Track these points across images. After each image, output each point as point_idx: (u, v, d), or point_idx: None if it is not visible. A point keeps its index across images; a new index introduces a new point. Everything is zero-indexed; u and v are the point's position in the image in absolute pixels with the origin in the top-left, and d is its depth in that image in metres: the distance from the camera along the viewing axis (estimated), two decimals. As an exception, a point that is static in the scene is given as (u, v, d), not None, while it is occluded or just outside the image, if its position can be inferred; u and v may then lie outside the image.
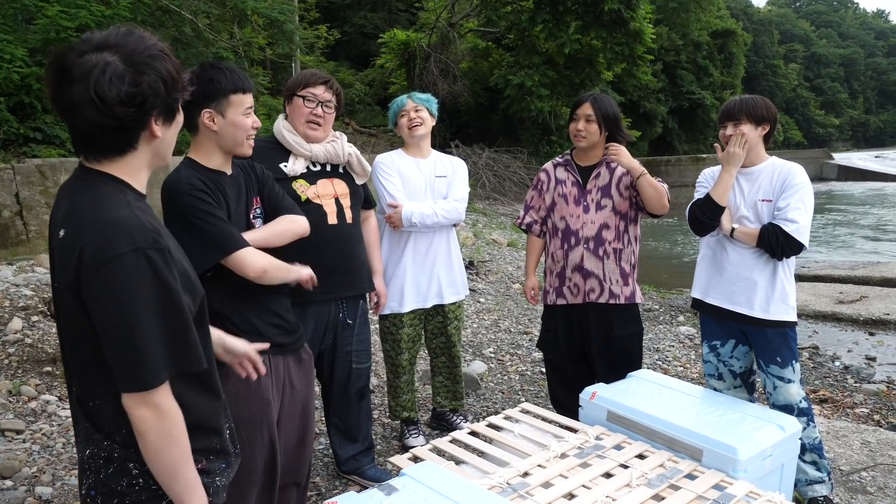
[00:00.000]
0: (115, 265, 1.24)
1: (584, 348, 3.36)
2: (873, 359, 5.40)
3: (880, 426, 3.99)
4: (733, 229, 2.84)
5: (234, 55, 11.47)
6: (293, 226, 2.26)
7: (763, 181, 2.86)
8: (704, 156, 29.64)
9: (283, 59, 16.50)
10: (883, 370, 5.13)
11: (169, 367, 1.30)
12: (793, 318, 2.86)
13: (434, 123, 3.41)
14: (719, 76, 34.20)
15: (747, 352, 3.00)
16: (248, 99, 2.12)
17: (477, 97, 19.63)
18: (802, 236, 2.72)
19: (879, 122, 77.04)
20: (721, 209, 2.86)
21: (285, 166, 2.69)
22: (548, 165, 3.46)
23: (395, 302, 3.32)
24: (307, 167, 2.76)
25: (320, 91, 2.70)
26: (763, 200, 2.84)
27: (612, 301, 3.24)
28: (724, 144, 2.88)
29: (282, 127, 2.74)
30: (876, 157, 44.29)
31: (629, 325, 3.29)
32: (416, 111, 3.33)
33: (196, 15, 10.39)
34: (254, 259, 2.01)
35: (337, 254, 2.76)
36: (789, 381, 2.84)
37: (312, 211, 2.68)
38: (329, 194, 2.76)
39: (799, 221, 2.72)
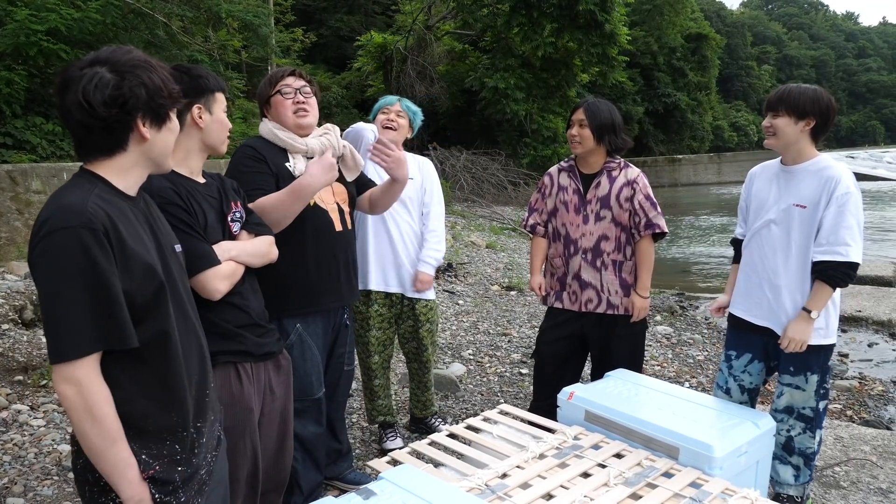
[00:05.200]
0: (48, 240, 1.34)
1: (582, 352, 3.37)
2: (846, 355, 5.48)
3: (853, 422, 4.06)
4: (811, 316, 2.57)
5: (209, 58, 11.37)
6: (270, 253, 2.21)
7: (802, 183, 2.61)
8: (680, 157, 29.98)
9: (259, 62, 16.40)
10: (855, 366, 5.22)
11: (95, 342, 1.35)
12: (822, 340, 2.65)
13: (409, 136, 3.36)
14: (694, 77, 34.62)
15: (761, 370, 2.86)
16: (224, 98, 2.17)
17: (454, 99, 19.70)
18: (858, 255, 2.51)
19: (850, 123, 78.44)
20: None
21: (290, 166, 2.59)
22: (552, 170, 3.43)
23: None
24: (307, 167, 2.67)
25: (291, 81, 2.62)
26: (797, 206, 2.59)
27: (609, 311, 3.21)
28: (765, 134, 2.69)
29: (271, 127, 2.61)
30: (847, 157, 45.06)
31: (632, 329, 3.25)
32: (398, 115, 3.27)
33: (169, 18, 10.29)
34: (217, 284, 1.96)
35: (344, 262, 2.71)
36: (797, 387, 2.70)
37: (320, 217, 2.60)
38: (331, 200, 2.68)
39: (852, 244, 2.50)
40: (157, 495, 1.46)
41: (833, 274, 2.53)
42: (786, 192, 2.65)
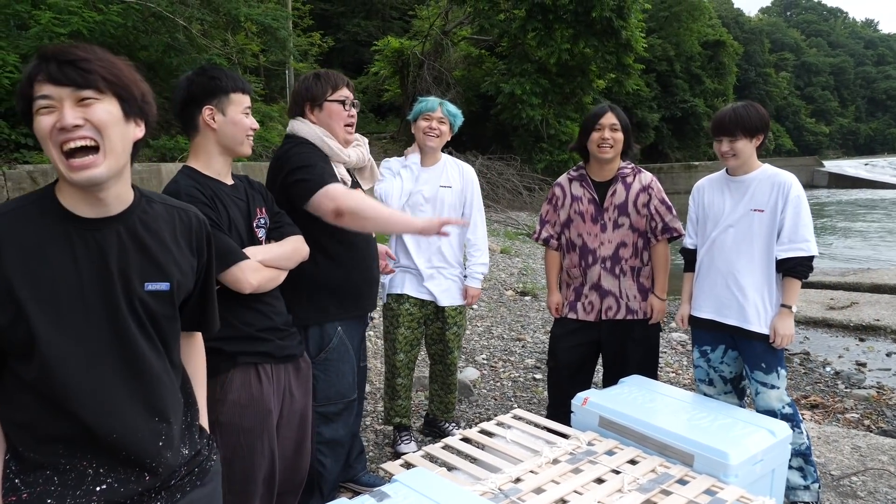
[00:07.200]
0: None
1: (595, 357, 3.36)
2: (864, 364, 5.43)
3: (871, 431, 4.01)
4: (792, 310, 2.81)
5: (228, 62, 11.47)
6: (300, 250, 2.22)
7: (756, 190, 2.83)
8: (696, 163, 29.81)
9: (277, 66, 16.51)
10: (873, 375, 5.16)
11: None
12: None
13: (450, 138, 3.43)
14: (711, 84, 34.45)
15: (737, 357, 2.99)
16: (247, 99, 2.14)
17: (470, 104, 19.70)
18: (815, 248, 2.77)
19: (869, 130, 77.65)
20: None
21: (336, 173, 2.58)
22: (562, 179, 3.39)
23: (396, 285, 3.37)
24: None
25: (347, 92, 2.62)
26: (755, 210, 2.81)
27: (629, 317, 3.21)
28: (720, 156, 2.87)
29: (319, 133, 2.55)
30: (866, 164, 44.61)
31: (647, 332, 3.26)
32: (440, 122, 3.33)
33: (189, 21, 10.40)
34: (249, 276, 1.99)
35: (375, 265, 2.77)
36: (772, 386, 2.83)
37: None
38: None
39: (810, 238, 2.75)
40: None
41: (801, 269, 2.78)
42: (741, 199, 2.86)
